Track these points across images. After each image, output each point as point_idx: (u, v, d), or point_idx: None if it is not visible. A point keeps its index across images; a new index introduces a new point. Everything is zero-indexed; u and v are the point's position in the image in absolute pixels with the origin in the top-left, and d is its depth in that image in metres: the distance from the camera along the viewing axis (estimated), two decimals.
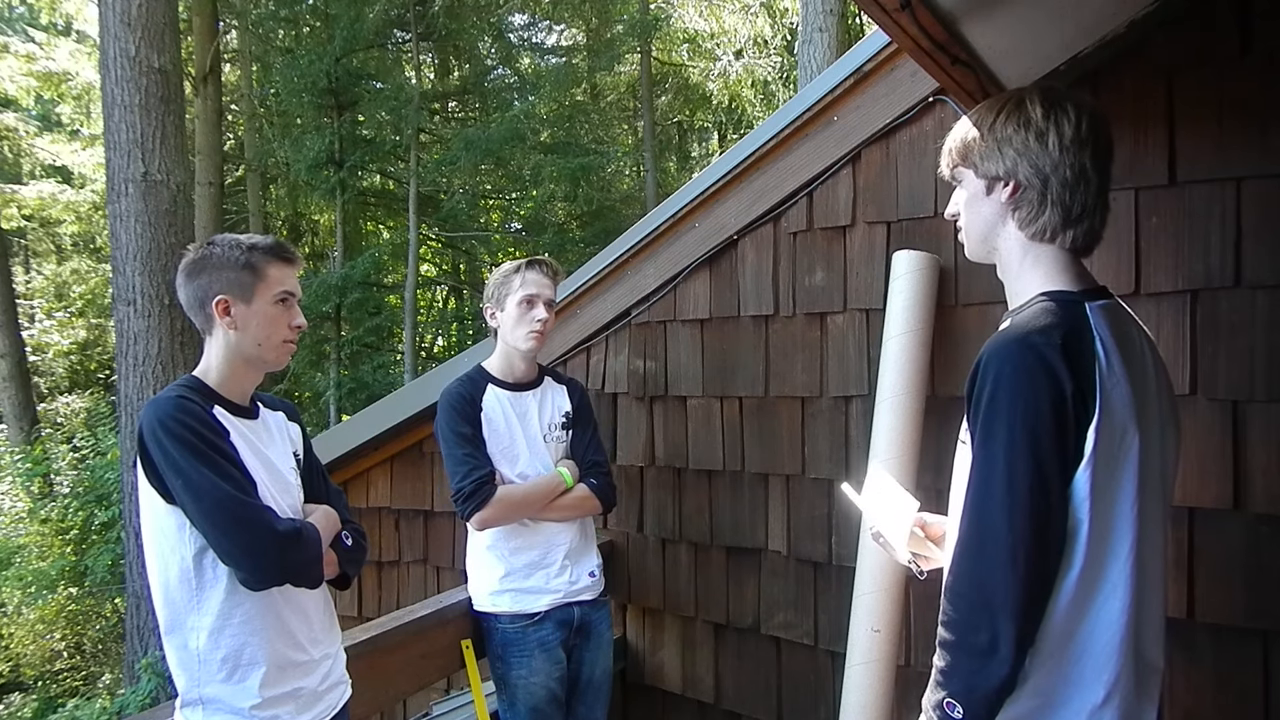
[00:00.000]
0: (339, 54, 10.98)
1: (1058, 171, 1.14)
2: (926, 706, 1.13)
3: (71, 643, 9.04)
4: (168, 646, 1.51)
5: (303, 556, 1.50)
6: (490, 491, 2.14)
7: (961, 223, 1.27)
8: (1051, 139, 1.14)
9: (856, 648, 2.05)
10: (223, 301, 1.54)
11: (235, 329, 1.55)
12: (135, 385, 5.97)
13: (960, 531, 1.11)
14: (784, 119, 2.35)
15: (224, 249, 1.56)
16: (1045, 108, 1.16)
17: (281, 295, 1.58)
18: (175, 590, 1.46)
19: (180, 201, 6.19)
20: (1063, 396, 1.04)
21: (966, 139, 1.23)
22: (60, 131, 13.73)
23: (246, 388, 1.62)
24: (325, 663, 1.63)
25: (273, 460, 1.60)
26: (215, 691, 1.47)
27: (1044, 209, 1.16)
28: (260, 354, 1.58)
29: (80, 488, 9.20)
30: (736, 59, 11.84)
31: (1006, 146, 1.17)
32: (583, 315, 2.81)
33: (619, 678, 2.69)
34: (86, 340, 14.49)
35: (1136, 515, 1.08)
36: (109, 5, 6.00)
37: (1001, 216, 1.20)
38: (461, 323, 15.55)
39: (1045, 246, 1.18)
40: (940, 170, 1.30)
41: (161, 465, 1.41)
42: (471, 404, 2.24)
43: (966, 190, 1.24)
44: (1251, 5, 1.72)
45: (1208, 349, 1.77)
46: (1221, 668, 1.77)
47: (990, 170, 1.19)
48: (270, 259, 1.57)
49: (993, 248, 1.23)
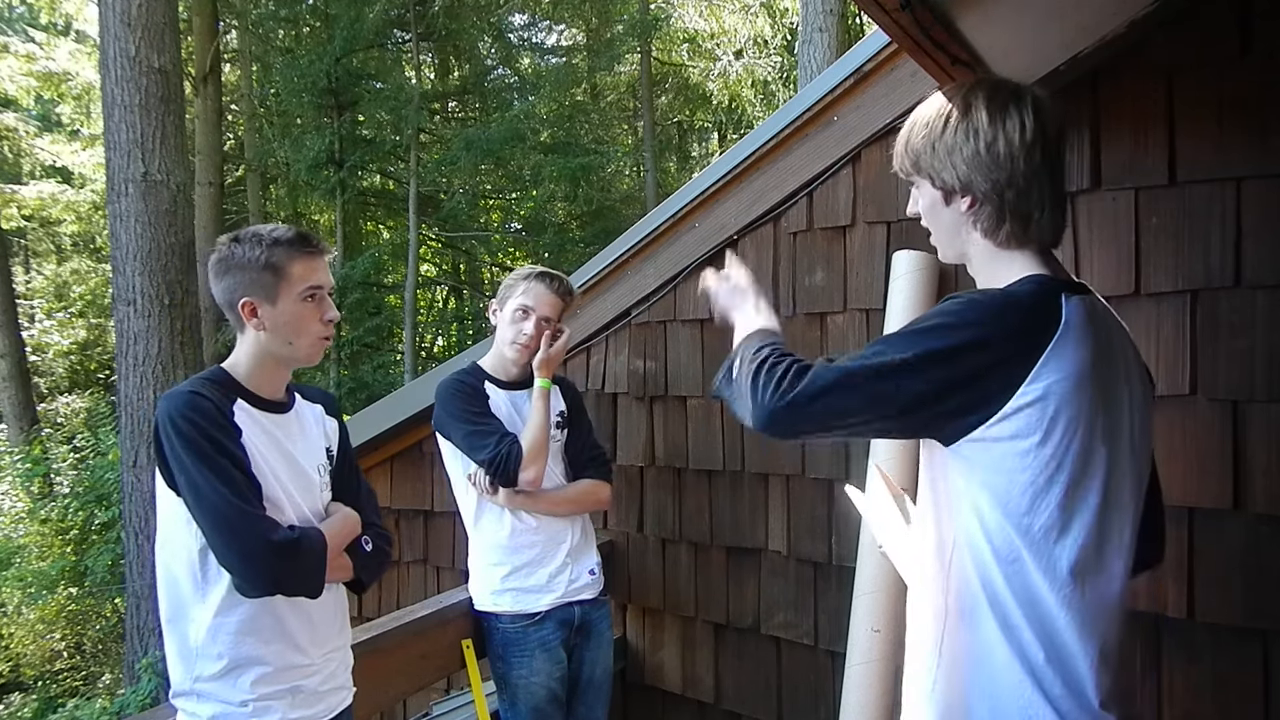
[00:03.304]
0: (339, 54, 10.99)
1: (1013, 182, 1.11)
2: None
3: (71, 643, 9.04)
4: (168, 635, 1.50)
5: (296, 568, 1.45)
6: (522, 450, 2.13)
7: (926, 224, 1.25)
8: (1001, 147, 1.10)
9: (856, 648, 2.05)
10: (248, 304, 1.50)
11: (264, 330, 1.52)
12: (135, 385, 5.97)
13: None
14: (784, 119, 2.35)
15: (245, 248, 1.50)
16: (990, 111, 1.11)
17: (308, 292, 1.53)
18: (182, 579, 1.46)
19: (180, 201, 6.19)
20: (996, 339, 1.03)
21: (916, 146, 1.19)
22: (60, 131, 13.73)
23: (277, 382, 1.59)
24: (329, 664, 1.60)
25: (297, 457, 1.57)
26: (209, 687, 1.46)
27: (1003, 220, 1.13)
28: (292, 352, 1.55)
29: (80, 488, 9.20)
30: (736, 59, 11.85)
31: (956, 157, 1.13)
32: (583, 315, 2.81)
33: (619, 678, 2.69)
34: (86, 340, 14.49)
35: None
36: (109, 5, 6.00)
37: (963, 224, 1.17)
38: (461, 323, 15.56)
39: (1014, 250, 1.16)
40: (894, 169, 1.27)
41: (170, 459, 1.41)
42: (475, 389, 2.25)
43: (924, 198, 1.22)
44: (1251, 5, 1.72)
45: (1208, 349, 1.77)
46: (1221, 668, 1.77)
47: (944, 181, 1.16)
48: (293, 254, 1.52)
49: (962, 252, 1.22)
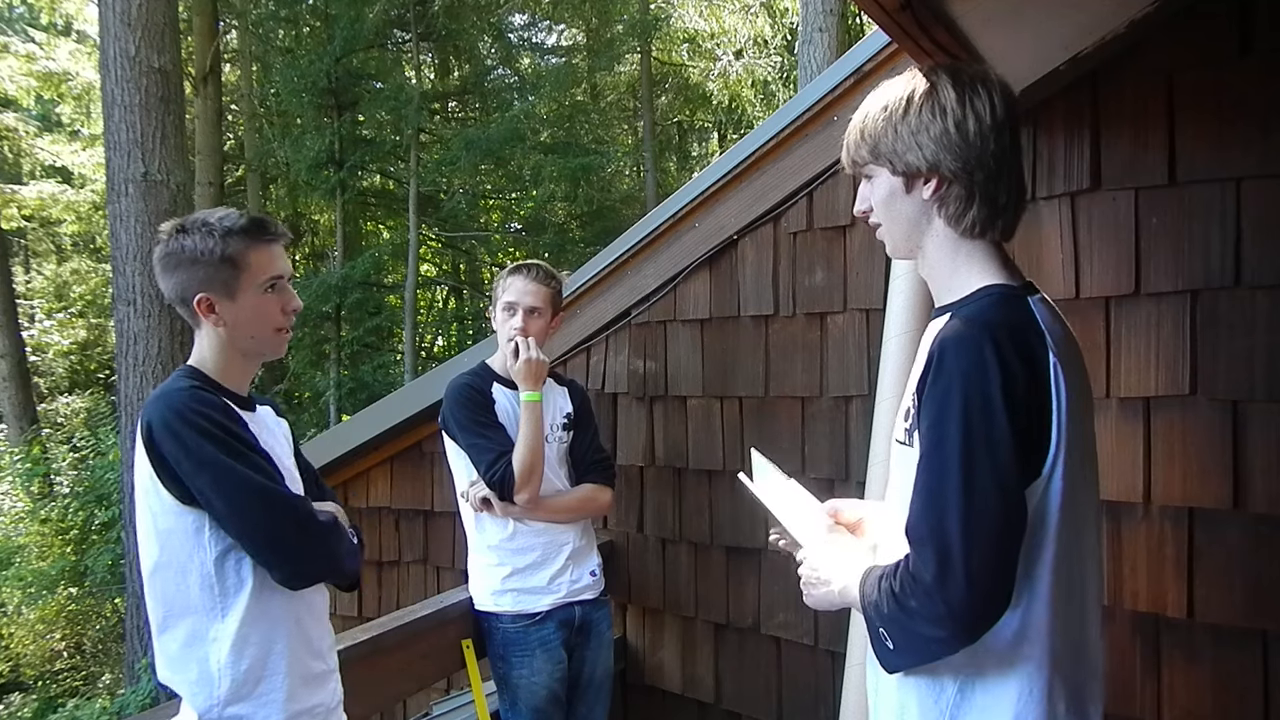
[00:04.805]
0: (339, 54, 10.98)
1: (982, 163, 1.06)
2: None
3: (71, 643, 9.05)
4: (182, 665, 1.38)
5: (345, 549, 1.41)
6: (514, 475, 2.13)
7: (877, 220, 1.18)
8: (971, 126, 1.05)
9: (856, 648, 2.05)
10: (204, 300, 1.40)
11: (224, 325, 1.43)
12: (135, 385, 5.97)
13: (912, 534, 1.04)
14: (784, 119, 2.35)
15: (197, 239, 1.39)
16: (958, 91, 1.06)
17: (269, 282, 1.43)
18: (194, 599, 1.35)
19: (180, 201, 6.18)
20: (1022, 389, 0.99)
21: (875, 130, 1.12)
22: (60, 131, 13.73)
23: (246, 379, 1.52)
24: (333, 677, 1.57)
25: (280, 454, 1.52)
26: (237, 710, 1.37)
27: (971, 204, 1.08)
28: (256, 347, 1.47)
29: (80, 488, 9.21)
30: (736, 59, 11.84)
31: (923, 136, 1.07)
32: (583, 315, 2.81)
33: (619, 678, 2.69)
34: (86, 340, 14.48)
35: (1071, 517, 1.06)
36: (109, 5, 6.00)
37: (925, 213, 1.11)
38: (461, 323, 15.55)
39: (976, 241, 1.11)
40: (842, 165, 1.21)
41: (180, 462, 1.30)
42: (483, 395, 2.25)
43: (880, 188, 1.14)
44: (1251, 5, 1.72)
45: (1208, 349, 1.77)
46: (1221, 668, 1.77)
47: (908, 165, 1.09)
48: (251, 244, 1.41)
49: (917, 245, 1.15)
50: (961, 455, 0.99)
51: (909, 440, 1.10)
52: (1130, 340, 1.85)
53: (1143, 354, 1.83)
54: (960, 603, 0.97)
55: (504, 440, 2.18)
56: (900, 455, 1.15)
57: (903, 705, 1.14)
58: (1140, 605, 1.84)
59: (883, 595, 1.06)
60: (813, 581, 1.23)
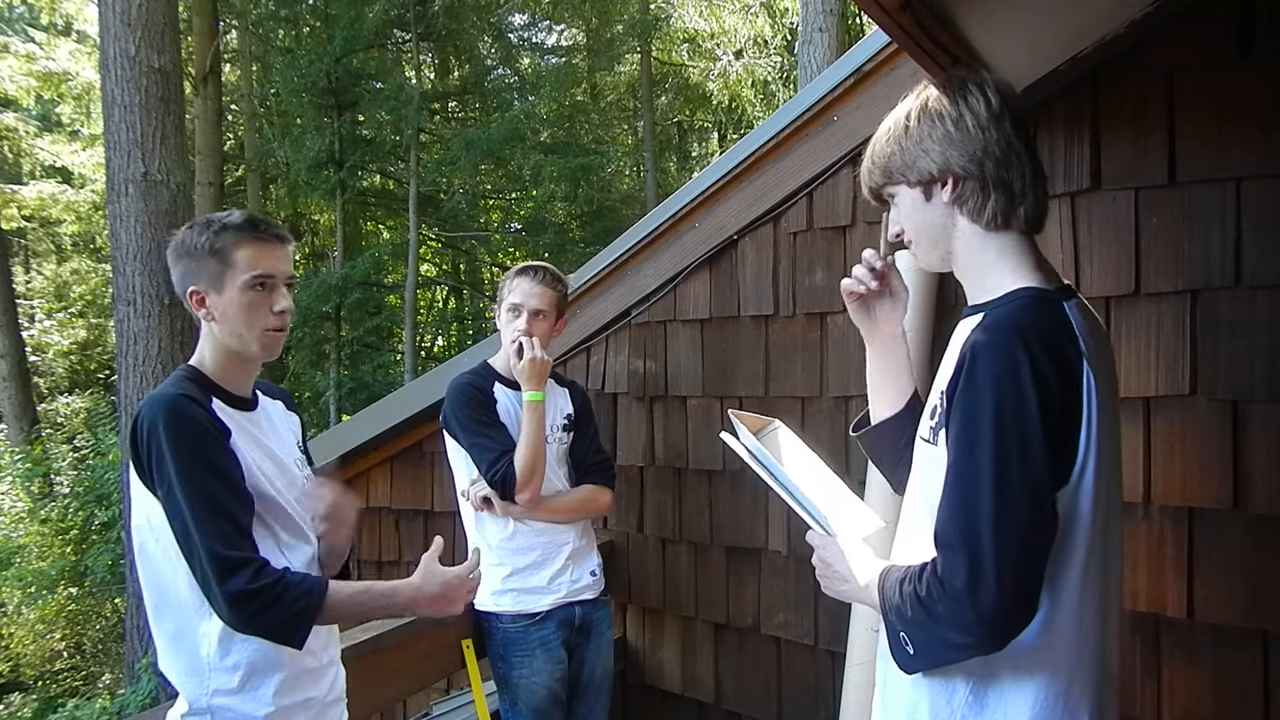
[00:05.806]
0: (339, 54, 10.97)
1: (989, 152, 1.09)
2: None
3: (71, 643, 9.04)
4: (172, 652, 1.41)
5: (272, 619, 1.32)
6: (516, 474, 2.13)
7: (909, 238, 1.21)
8: (969, 121, 1.09)
9: (856, 648, 2.05)
10: (196, 293, 1.42)
11: (214, 320, 1.43)
12: (135, 385, 5.97)
13: (941, 539, 1.04)
14: (784, 119, 2.35)
15: (194, 234, 1.42)
16: (950, 95, 1.11)
17: (257, 280, 1.42)
18: (184, 590, 1.36)
19: (180, 201, 6.18)
20: (1054, 394, 1.00)
21: (884, 155, 1.17)
22: (60, 131, 13.73)
23: (245, 379, 1.51)
24: (331, 669, 1.57)
25: (276, 452, 1.51)
26: (226, 701, 1.38)
27: (988, 194, 1.10)
28: (244, 345, 1.45)
29: (80, 488, 9.20)
30: (736, 59, 11.85)
31: (928, 143, 1.11)
32: (583, 315, 2.81)
33: (619, 678, 2.69)
34: (86, 340, 14.48)
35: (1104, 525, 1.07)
36: (109, 5, 6.00)
37: (949, 216, 1.14)
38: (461, 323, 15.56)
39: (1003, 234, 1.13)
40: (864, 197, 1.24)
41: (149, 468, 1.33)
42: (485, 394, 2.25)
43: (903, 205, 1.18)
44: (1251, 5, 1.72)
45: (1208, 349, 1.77)
46: (1221, 668, 1.77)
47: (922, 173, 1.13)
48: (240, 240, 1.41)
49: (948, 250, 1.17)
50: (994, 461, 0.99)
51: (934, 439, 1.11)
52: (1130, 340, 1.85)
53: (1143, 354, 1.84)
54: (990, 611, 0.98)
55: (506, 440, 2.18)
56: (924, 453, 1.16)
57: (914, 705, 1.14)
58: (1140, 605, 1.84)
59: (905, 600, 1.06)
60: (829, 576, 1.25)
